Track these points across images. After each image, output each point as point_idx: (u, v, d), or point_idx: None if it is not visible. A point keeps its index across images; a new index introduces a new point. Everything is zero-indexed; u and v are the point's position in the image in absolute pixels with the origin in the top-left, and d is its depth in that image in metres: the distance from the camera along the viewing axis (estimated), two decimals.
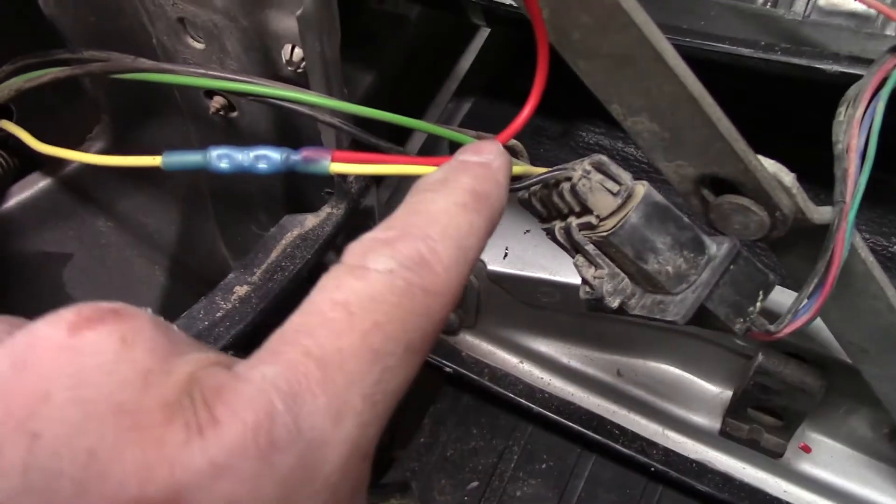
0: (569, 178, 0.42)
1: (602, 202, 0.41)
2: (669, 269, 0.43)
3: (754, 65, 0.57)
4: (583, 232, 0.43)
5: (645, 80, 0.42)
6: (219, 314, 0.53)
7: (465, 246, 0.33)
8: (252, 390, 0.26)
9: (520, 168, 0.43)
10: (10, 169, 0.60)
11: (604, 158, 0.42)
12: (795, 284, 0.52)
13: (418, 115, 0.90)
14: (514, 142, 0.45)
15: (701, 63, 0.42)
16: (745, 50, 0.57)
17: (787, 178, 0.46)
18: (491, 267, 0.73)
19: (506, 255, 0.73)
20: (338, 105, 0.42)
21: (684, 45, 0.58)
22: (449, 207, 0.34)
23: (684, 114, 0.43)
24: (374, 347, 0.29)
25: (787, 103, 0.72)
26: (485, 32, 0.97)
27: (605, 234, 0.42)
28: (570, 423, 0.80)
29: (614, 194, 0.41)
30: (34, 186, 0.63)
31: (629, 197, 0.42)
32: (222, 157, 0.39)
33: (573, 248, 0.45)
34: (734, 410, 0.74)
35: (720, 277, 0.43)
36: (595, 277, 0.44)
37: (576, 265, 0.45)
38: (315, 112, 0.43)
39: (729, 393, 0.76)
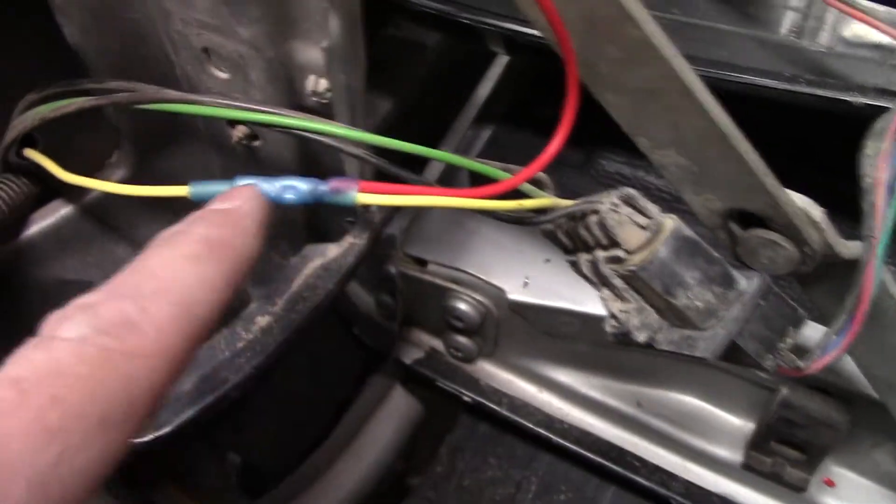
0: (596, 211, 0.42)
1: (631, 236, 0.41)
2: (699, 304, 0.42)
3: (778, 96, 0.57)
4: (610, 265, 0.43)
5: (673, 113, 0.42)
6: (240, 345, 0.53)
7: (190, 301, 0.31)
8: None
9: (546, 200, 0.43)
10: (31, 196, 0.60)
11: (632, 192, 0.41)
12: (822, 317, 0.51)
13: (436, 142, 0.90)
14: (541, 174, 0.45)
15: (724, 94, 0.42)
16: (770, 81, 0.57)
17: (817, 212, 0.45)
18: (511, 296, 0.73)
19: (526, 283, 0.73)
20: (363, 137, 0.42)
21: (708, 76, 0.57)
22: (172, 261, 0.32)
23: (713, 148, 0.42)
24: (50, 426, 0.25)
25: (811, 135, 0.71)
26: (503, 59, 0.97)
27: (633, 268, 0.41)
28: (590, 454, 0.79)
29: (643, 228, 0.41)
30: (55, 214, 0.63)
31: (658, 231, 0.41)
32: None
33: (600, 282, 0.44)
34: (757, 443, 0.73)
35: (750, 313, 0.43)
36: (622, 311, 0.43)
37: (602, 299, 0.44)
38: (340, 143, 0.43)
39: (751, 425, 0.75)
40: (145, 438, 0.50)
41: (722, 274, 0.42)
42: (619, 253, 0.42)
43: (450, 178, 0.80)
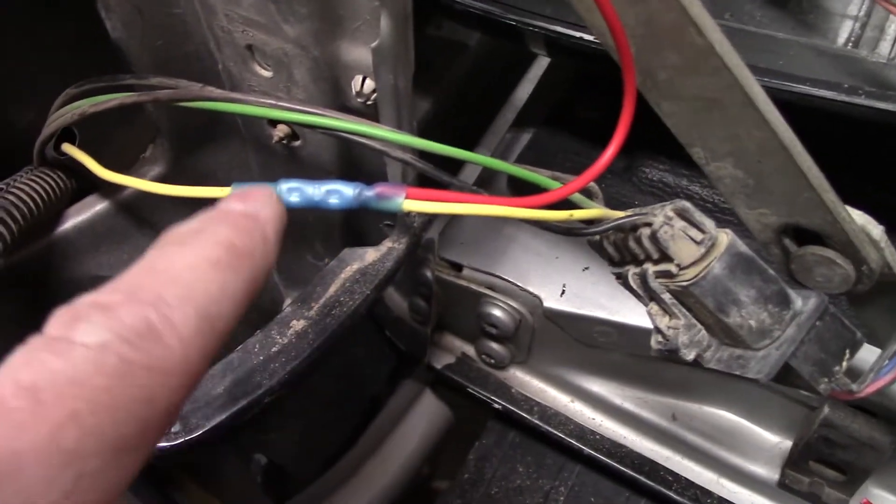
0: (649, 224, 0.41)
1: (684, 251, 0.40)
2: (752, 323, 0.40)
3: (837, 108, 0.55)
4: (660, 280, 0.41)
5: (733, 125, 0.40)
6: (274, 349, 0.52)
7: (213, 313, 0.27)
8: None
9: (597, 211, 0.41)
10: (67, 191, 0.59)
11: (687, 205, 0.40)
12: (873, 338, 0.50)
13: (475, 143, 0.89)
14: (591, 183, 0.43)
15: (779, 104, 0.40)
16: (828, 92, 0.55)
17: (876, 230, 0.44)
18: (547, 304, 0.72)
19: (563, 292, 0.72)
20: (409, 141, 0.41)
21: (762, 84, 0.55)
22: (196, 264, 0.28)
23: (773, 162, 0.41)
24: (67, 447, 0.22)
25: (870, 149, 0.69)
26: (543, 60, 0.95)
27: (685, 283, 0.40)
28: (622, 467, 0.77)
29: (697, 243, 0.39)
30: (91, 209, 0.62)
31: (713, 246, 0.40)
32: (293, 191, 0.38)
33: (647, 296, 0.43)
34: (794, 462, 0.71)
35: (806, 334, 0.41)
36: (670, 328, 0.42)
37: (649, 313, 0.43)
38: (385, 147, 0.42)
39: (789, 443, 0.74)
40: (175, 442, 0.49)
41: (778, 293, 0.41)
42: (671, 268, 0.40)
43: (488, 181, 0.79)
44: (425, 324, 0.80)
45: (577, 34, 0.62)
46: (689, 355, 0.42)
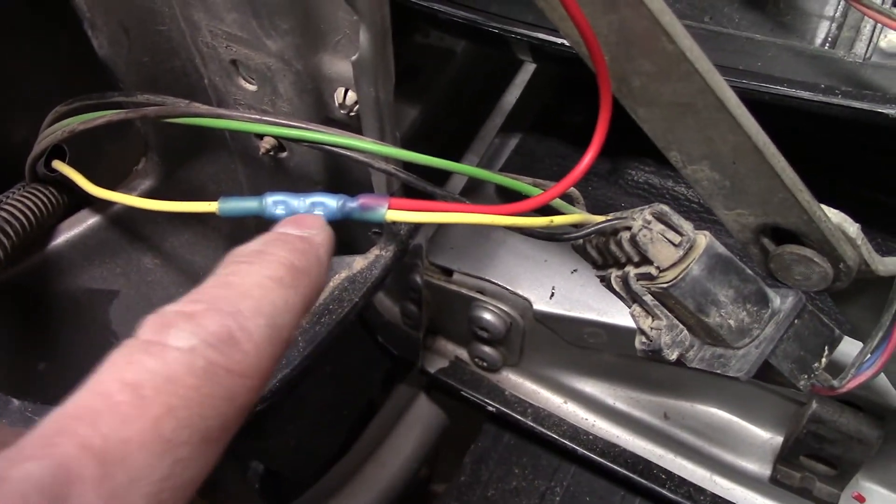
0: (628, 228, 0.41)
1: (663, 253, 0.40)
2: (732, 322, 0.41)
3: (814, 108, 0.56)
4: (641, 282, 0.42)
5: (707, 128, 0.41)
6: None
7: (279, 324, 0.31)
8: (9, 494, 0.22)
9: (578, 217, 0.42)
10: (59, 206, 0.60)
11: (665, 208, 0.41)
12: (857, 333, 0.50)
13: (463, 149, 0.89)
14: (571, 189, 0.44)
15: (758, 105, 0.41)
16: (805, 93, 0.56)
17: (852, 228, 0.44)
18: (537, 307, 0.72)
19: (552, 294, 0.72)
20: (392, 153, 0.42)
21: (741, 86, 0.56)
22: (263, 281, 0.32)
23: (747, 163, 0.42)
24: (166, 437, 0.26)
25: (846, 148, 0.70)
26: (530, 66, 0.96)
27: (665, 285, 0.41)
28: (615, 466, 0.78)
29: (676, 245, 0.40)
30: (83, 224, 0.63)
31: (691, 248, 0.40)
32: (278, 204, 0.39)
33: (630, 298, 0.44)
34: (785, 457, 0.72)
35: (784, 332, 0.42)
36: (652, 328, 0.42)
37: (632, 315, 0.44)
38: (369, 158, 0.43)
39: (780, 439, 0.74)
40: None
41: (756, 292, 0.42)
42: (651, 270, 0.41)
43: (475, 188, 0.80)
44: (417, 328, 0.80)
45: (559, 40, 0.63)
46: (672, 355, 0.43)
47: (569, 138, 0.83)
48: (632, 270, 0.43)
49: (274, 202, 0.39)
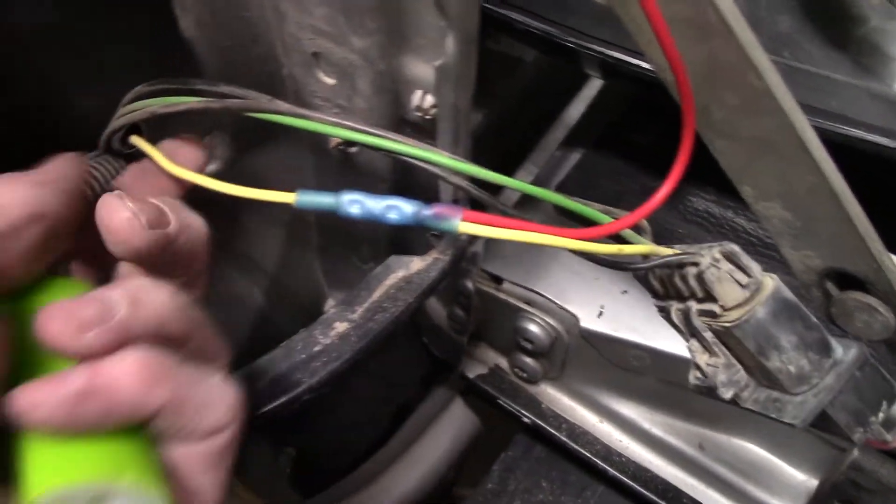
0: (695, 264, 0.41)
1: (729, 293, 0.40)
2: (792, 368, 0.41)
3: (889, 154, 0.55)
4: (703, 318, 0.42)
5: (785, 167, 0.41)
6: (316, 348, 0.53)
7: None
8: None
9: (646, 247, 0.42)
10: None
11: (735, 248, 0.40)
12: None
13: (522, 159, 0.89)
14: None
15: (829, 146, 0.40)
16: (881, 138, 0.55)
17: None
18: (584, 324, 0.72)
19: (601, 313, 0.72)
20: (469, 169, 0.42)
21: (814, 125, 0.56)
22: None
23: (822, 206, 0.41)
24: None
25: None
26: (596, 82, 0.96)
27: (727, 325, 0.40)
28: (645, 491, 0.77)
29: (742, 286, 0.40)
30: None
31: (758, 290, 0.40)
32: (354, 203, 0.39)
33: (689, 332, 0.43)
34: (819, 502, 0.71)
35: (844, 383, 0.42)
36: (709, 365, 0.42)
37: (689, 349, 0.43)
38: (442, 172, 0.43)
39: (814, 482, 0.73)
40: None
41: (819, 340, 0.41)
42: (715, 308, 0.41)
43: (532, 200, 0.80)
44: (462, 333, 0.80)
45: (635, 61, 0.63)
46: (727, 394, 0.42)
47: (633, 158, 0.82)
48: (694, 306, 0.42)
49: (350, 201, 0.39)
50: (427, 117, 0.50)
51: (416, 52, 0.48)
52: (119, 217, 0.36)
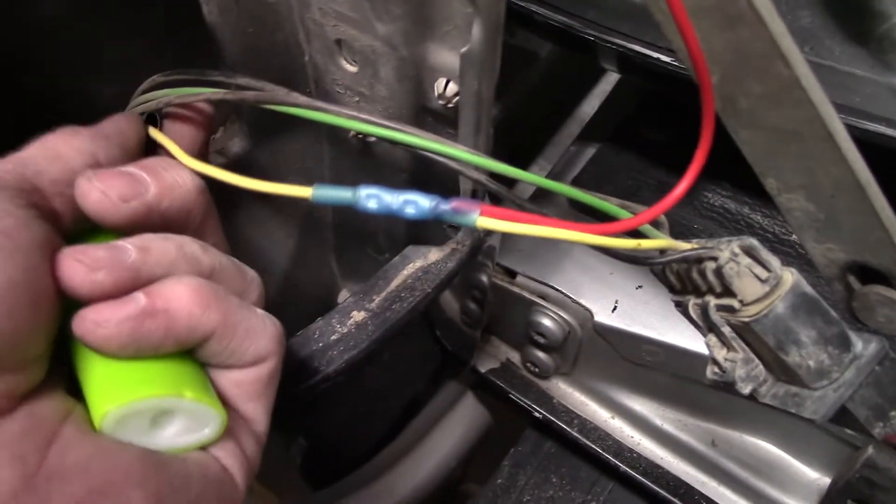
0: (714, 258, 0.41)
1: (748, 288, 0.40)
2: (811, 363, 0.41)
3: None
4: (721, 313, 0.42)
5: (810, 158, 0.40)
6: (334, 337, 0.53)
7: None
8: None
9: (664, 242, 0.42)
10: None
11: (754, 242, 0.40)
12: None
13: (536, 153, 0.89)
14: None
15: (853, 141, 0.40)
16: None
17: None
18: (598, 318, 0.72)
19: (615, 308, 0.72)
20: (489, 165, 0.41)
21: None
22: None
23: (847, 199, 0.41)
24: None
25: None
26: (611, 77, 0.96)
27: (746, 319, 0.40)
28: (656, 488, 0.77)
29: (762, 281, 0.40)
30: None
31: (777, 285, 0.40)
32: (371, 197, 0.39)
33: (706, 327, 0.43)
34: (832, 500, 0.70)
35: (864, 378, 0.41)
36: (727, 360, 0.42)
37: (707, 344, 0.43)
38: (462, 167, 0.43)
39: (827, 480, 0.73)
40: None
41: (839, 335, 0.41)
42: (733, 303, 0.40)
43: (547, 194, 0.80)
44: (475, 327, 0.80)
45: (655, 55, 0.63)
46: (746, 389, 0.42)
47: (647, 153, 0.82)
48: (712, 301, 0.42)
49: (367, 195, 0.39)
50: (449, 105, 0.49)
51: (441, 39, 0.47)
52: (90, 199, 0.37)
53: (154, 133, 0.47)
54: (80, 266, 0.34)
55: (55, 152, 0.38)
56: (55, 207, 0.37)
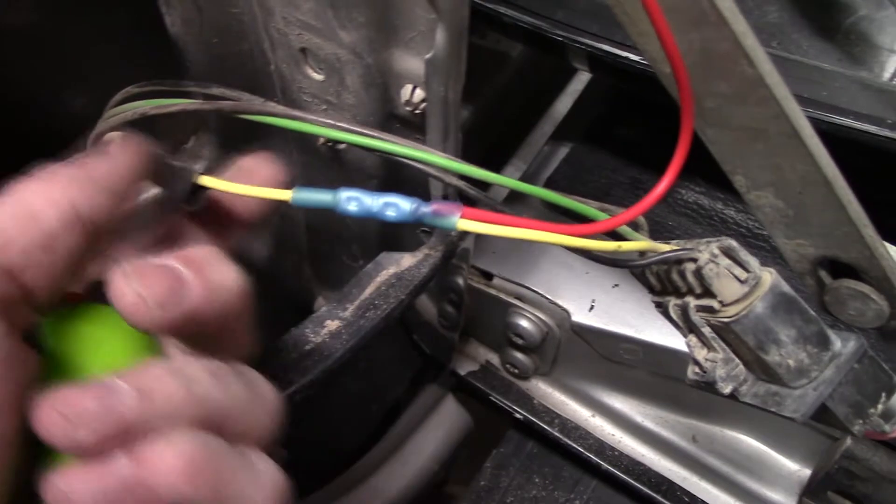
0: (693, 260, 0.41)
1: (728, 288, 0.40)
2: (791, 362, 0.41)
3: (879, 143, 0.55)
4: (701, 314, 0.42)
5: (777, 155, 0.41)
6: (308, 347, 0.53)
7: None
8: None
9: (644, 244, 0.42)
10: None
11: (733, 244, 0.40)
12: None
13: (510, 154, 0.89)
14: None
15: (821, 135, 0.40)
16: (870, 126, 0.55)
17: None
18: (575, 318, 0.72)
19: (592, 307, 0.72)
20: (460, 168, 0.41)
21: (805, 114, 0.56)
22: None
23: (814, 194, 0.41)
24: None
25: None
26: (583, 77, 0.96)
27: (726, 320, 0.40)
28: (639, 485, 0.77)
29: (742, 281, 0.40)
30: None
31: (756, 285, 0.40)
32: (351, 200, 0.39)
33: (687, 328, 0.43)
34: (812, 492, 0.71)
35: (843, 376, 0.42)
36: (707, 360, 0.42)
37: (688, 345, 0.43)
38: (439, 172, 0.42)
39: (808, 472, 0.74)
40: None
41: (818, 334, 0.41)
42: (713, 303, 0.41)
43: (520, 197, 0.80)
44: (453, 330, 0.80)
45: (623, 53, 0.63)
46: (726, 389, 0.42)
47: (620, 152, 0.82)
48: (692, 301, 0.42)
49: (347, 198, 0.39)
50: (416, 112, 0.49)
51: (406, 46, 0.47)
52: (125, 302, 0.31)
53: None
54: (61, 420, 0.28)
55: (28, 211, 0.31)
56: (26, 283, 0.31)
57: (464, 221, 0.38)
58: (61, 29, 0.60)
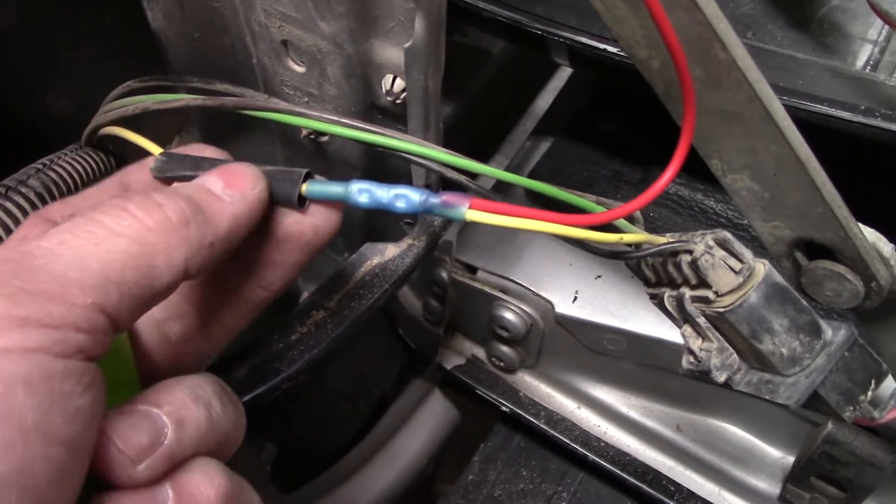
0: (689, 251, 0.42)
1: (722, 279, 0.41)
2: (784, 351, 0.42)
3: (853, 129, 0.56)
4: (696, 304, 0.43)
5: (751, 139, 0.41)
6: (294, 337, 0.53)
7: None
8: None
9: (642, 236, 0.42)
10: (108, 171, 0.60)
11: (728, 235, 0.41)
12: (882, 357, 0.51)
13: (493, 150, 0.90)
14: None
15: (797, 123, 0.41)
16: (844, 113, 0.56)
17: (887, 248, 0.45)
18: (559, 309, 0.73)
19: (575, 298, 0.73)
20: (441, 157, 0.42)
21: (781, 103, 0.57)
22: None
23: (788, 176, 0.42)
24: None
25: (884, 170, 0.70)
26: (564, 72, 0.97)
27: (721, 310, 0.41)
28: (625, 475, 0.78)
29: (736, 272, 0.41)
30: None
31: (750, 275, 0.41)
32: (363, 192, 0.39)
33: (682, 318, 0.44)
34: (796, 477, 0.72)
35: (835, 364, 0.43)
36: (702, 350, 0.43)
37: (683, 335, 0.44)
38: (430, 164, 0.43)
39: (791, 458, 0.74)
40: None
41: (810, 322, 0.42)
42: (708, 294, 0.41)
43: (504, 189, 0.80)
44: (438, 324, 0.81)
45: (602, 45, 0.64)
46: (720, 378, 0.43)
47: (600, 145, 0.83)
48: (687, 292, 0.43)
49: (359, 189, 0.39)
50: (398, 101, 0.50)
51: (386, 36, 0.48)
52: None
53: (126, 133, 0.45)
54: (125, 459, 0.31)
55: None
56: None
57: (472, 212, 0.38)
58: (44, 29, 0.60)
